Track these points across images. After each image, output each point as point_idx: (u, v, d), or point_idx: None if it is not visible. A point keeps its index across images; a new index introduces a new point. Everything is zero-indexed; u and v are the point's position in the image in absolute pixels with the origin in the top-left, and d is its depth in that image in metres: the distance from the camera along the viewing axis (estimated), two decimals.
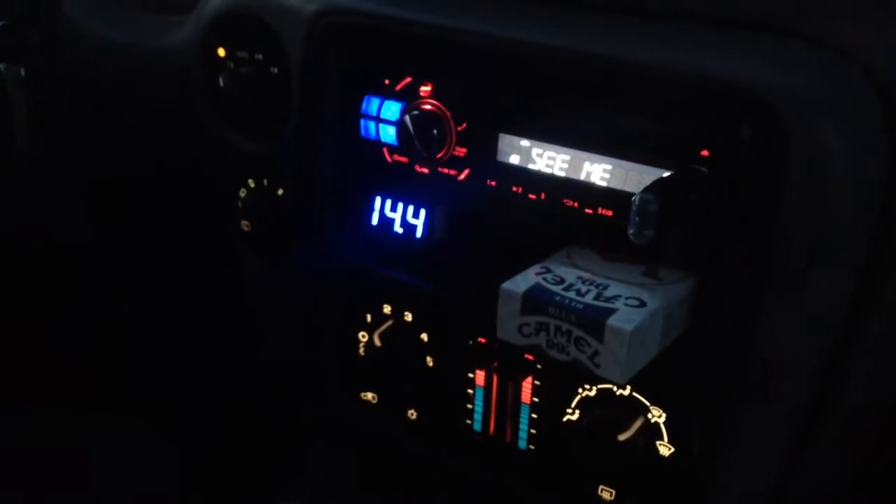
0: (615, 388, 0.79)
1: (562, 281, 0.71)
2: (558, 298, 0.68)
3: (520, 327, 0.70)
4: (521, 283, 0.70)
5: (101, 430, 1.11)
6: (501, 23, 0.75)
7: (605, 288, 0.70)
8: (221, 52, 0.91)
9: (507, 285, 0.70)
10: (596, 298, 0.69)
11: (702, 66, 0.66)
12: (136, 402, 1.19)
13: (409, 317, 0.89)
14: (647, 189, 0.64)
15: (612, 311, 0.67)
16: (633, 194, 0.64)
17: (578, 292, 0.69)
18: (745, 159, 0.66)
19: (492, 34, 0.75)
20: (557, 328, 0.68)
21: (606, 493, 0.82)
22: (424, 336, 0.88)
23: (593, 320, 0.66)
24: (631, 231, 0.63)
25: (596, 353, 0.67)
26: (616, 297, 0.69)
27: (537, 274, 0.72)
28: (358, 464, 1.04)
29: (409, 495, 1.01)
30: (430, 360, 0.89)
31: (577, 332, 0.67)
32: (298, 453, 1.10)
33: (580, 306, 0.67)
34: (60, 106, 1.07)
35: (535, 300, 0.69)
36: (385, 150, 0.85)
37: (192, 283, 1.15)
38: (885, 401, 0.76)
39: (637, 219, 0.63)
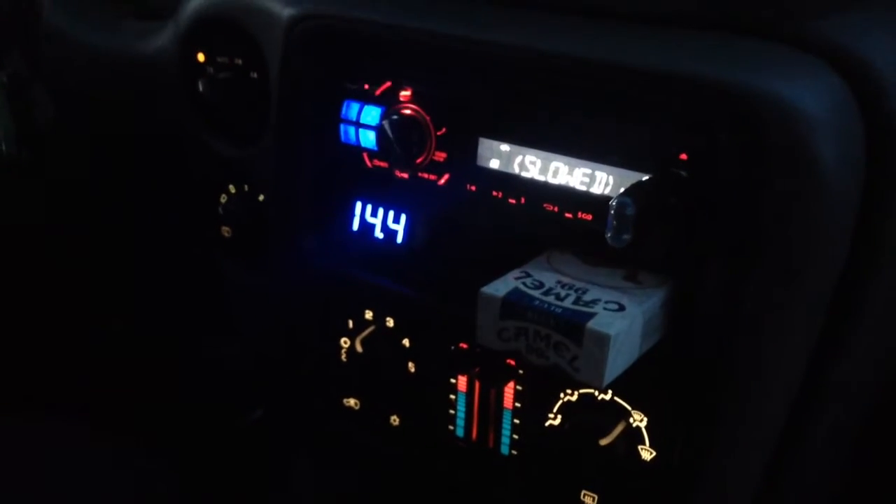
0: (596, 393, 0.78)
1: (541, 285, 0.71)
2: (537, 303, 0.68)
3: (499, 332, 0.69)
4: (500, 287, 0.70)
5: (77, 439, 1.10)
6: (480, 26, 0.74)
7: (585, 292, 0.70)
8: (201, 57, 0.91)
9: (486, 290, 0.70)
10: (575, 303, 0.68)
11: (680, 69, 0.65)
12: (114, 410, 1.18)
13: (390, 322, 0.88)
14: (624, 192, 0.63)
15: (592, 315, 0.67)
16: (612, 198, 0.64)
17: (558, 296, 0.69)
18: (723, 163, 0.66)
19: (470, 37, 0.75)
20: (537, 333, 0.67)
21: (589, 499, 0.82)
22: (406, 342, 0.88)
23: (572, 324, 0.66)
24: (608, 234, 0.63)
25: (575, 357, 0.66)
26: (595, 302, 0.68)
27: (517, 278, 0.72)
28: (341, 471, 1.03)
29: (391, 501, 1.00)
30: (411, 366, 0.88)
31: (556, 337, 0.67)
32: (281, 460, 1.10)
33: (559, 310, 0.67)
34: (44, 112, 1.06)
35: (514, 304, 0.68)
36: (365, 155, 0.85)
37: (172, 288, 1.14)
38: (870, 402, 0.76)
39: (614, 222, 0.63)
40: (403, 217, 0.87)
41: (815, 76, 0.64)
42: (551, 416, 0.82)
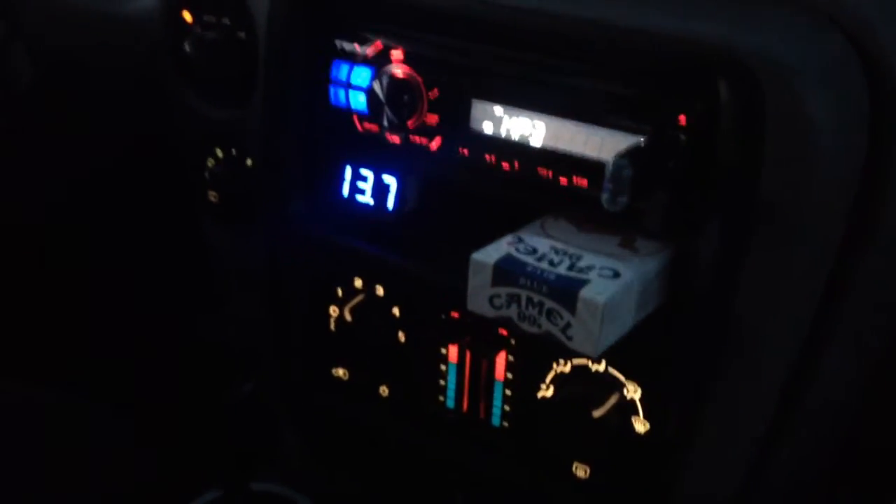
0: (590, 364, 0.77)
1: (534, 251, 0.69)
2: (530, 269, 0.66)
3: (490, 299, 0.67)
4: (492, 253, 0.68)
5: (56, 408, 1.08)
6: None
7: (579, 259, 0.68)
8: (187, 16, 0.88)
9: (477, 255, 0.68)
10: (569, 269, 0.66)
11: (678, 28, 0.63)
12: (96, 379, 1.16)
13: (380, 291, 0.87)
14: (621, 154, 0.61)
15: (585, 282, 0.65)
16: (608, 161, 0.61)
17: (551, 263, 0.67)
18: (723, 125, 0.64)
19: None
20: (529, 300, 0.66)
21: (581, 471, 0.80)
22: (396, 311, 0.86)
23: (565, 291, 0.64)
24: (604, 197, 0.61)
25: (568, 325, 0.64)
26: (589, 268, 0.67)
27: (509, 244, 0.70)
28: (329, 442, 1.01)
29: (381, 473, 0.99)
30: (401, 336, 0.87)
31: (548, 304, 0.65)
32: (270, 432, 1.08)
33: (552, 277, 0.65)
34: (23, 74, 1.04)
35: (506, 271, 0.66)
36: (355, 117, 0.83)
37: (156, 255, 1.12)
38: (868, 374, 0.75)
39: (611, 185, 0.60)
40: (394, 182, 0.85)
41: (816, 35, 0.62)
42: (543, 386, 0.80)
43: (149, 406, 1.20)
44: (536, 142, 0.73)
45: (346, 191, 0.87)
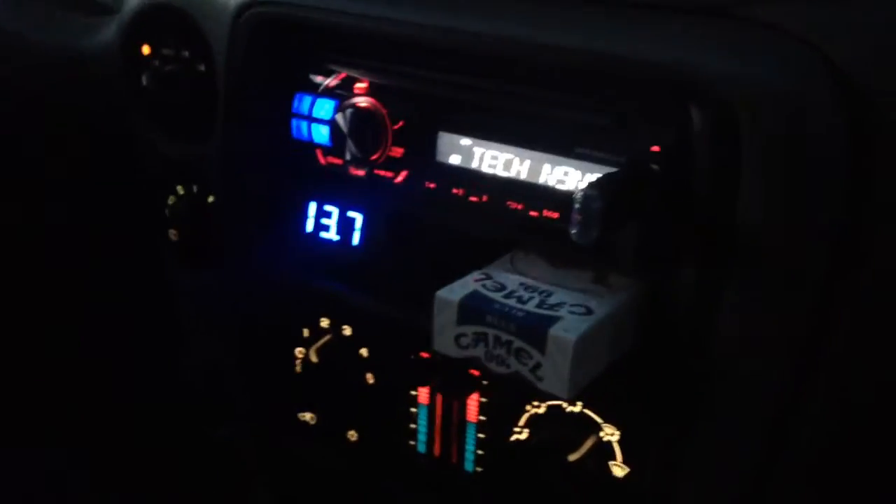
0: (565, 405, 0.73)
1: (502, 288, 0.66)
2: (497, 306, 0.63)
3: (457, 338, 0.64)
4: (457, 290, 0.65)
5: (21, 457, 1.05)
6: (435, 11, 0.70)
7: (549, 295, 0.65)
8: (146, 49, 0.86)
9: (442, 293, 0.65)
10: (538, 306, 0.63)
11: (649, 54, 0.61)
12: (70, 425, 1.13)
13: (347, 331, 0.83)
14: (591, 185, 0.58)
15: (556, 319, 0.61)
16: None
17: (520, 300, 0.64)
18: (697, 153, 0.61)
19: (428, 24, 0.70)
20: (497, 339, 0.62)
21: None
22: (364, 351, 0.83)
23: (534, 329, 0.61)
24: (574, 231, 0.58)
25: (538, 365, 0.61)
26: (560, 305, 0.63)
27: (476, 281, 0.67)
28: (299, 487, 0.98)
29: None
30: (370, 377, 0.83)
31: (517, 343, 0.62)
32: (237, 479, 1.04)
33: (521, 314, 0.62)
34: None
35: (472, 308, 0.63)
36: (318, 151, 0.80)
37: (116, 296, 1.09)
38: (855, 414, 0.72)
39: (580, 217, 0.57)
40: (359, 218, 0.82)
41: (786, 56, 0.60)
42: (517, 429, 0.76)
43: (116, 453, 1.16)
44: (505, 174, 0.70)
45: (309, 227, 0.84)
